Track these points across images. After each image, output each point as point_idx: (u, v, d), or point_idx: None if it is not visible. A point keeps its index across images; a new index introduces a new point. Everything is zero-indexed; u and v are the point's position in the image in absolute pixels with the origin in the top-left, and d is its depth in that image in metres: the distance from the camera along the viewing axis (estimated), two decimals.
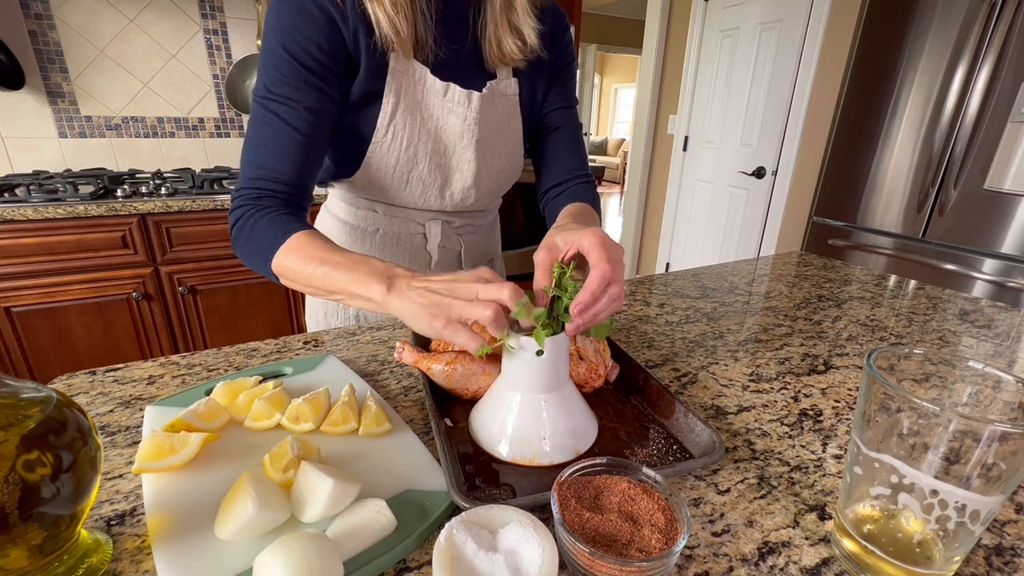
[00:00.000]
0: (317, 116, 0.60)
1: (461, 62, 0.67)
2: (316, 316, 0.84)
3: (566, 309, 0.44)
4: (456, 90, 0.66)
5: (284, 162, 0.59)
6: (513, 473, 0.44)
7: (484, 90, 0.67)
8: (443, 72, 0.65)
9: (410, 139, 0.66)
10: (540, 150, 0.79)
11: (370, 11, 0.58)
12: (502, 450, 0.45)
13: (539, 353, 0.44)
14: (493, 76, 0.70)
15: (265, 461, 0.41)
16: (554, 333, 0.44)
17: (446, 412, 0.52)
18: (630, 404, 0.55)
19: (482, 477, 0.43)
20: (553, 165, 0.77)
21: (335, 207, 0.79)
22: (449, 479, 0.39)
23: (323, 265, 0.51)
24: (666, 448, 0.47)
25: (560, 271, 0.45)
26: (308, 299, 0.86)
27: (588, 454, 0.46)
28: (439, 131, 0.68)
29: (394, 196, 0.72)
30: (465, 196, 0.74)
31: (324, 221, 0.82)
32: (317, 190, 0.67)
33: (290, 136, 0.58)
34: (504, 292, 0.43)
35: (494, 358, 0.53)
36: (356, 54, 0.61)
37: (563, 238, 0.48)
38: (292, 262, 0.54)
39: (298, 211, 0.61)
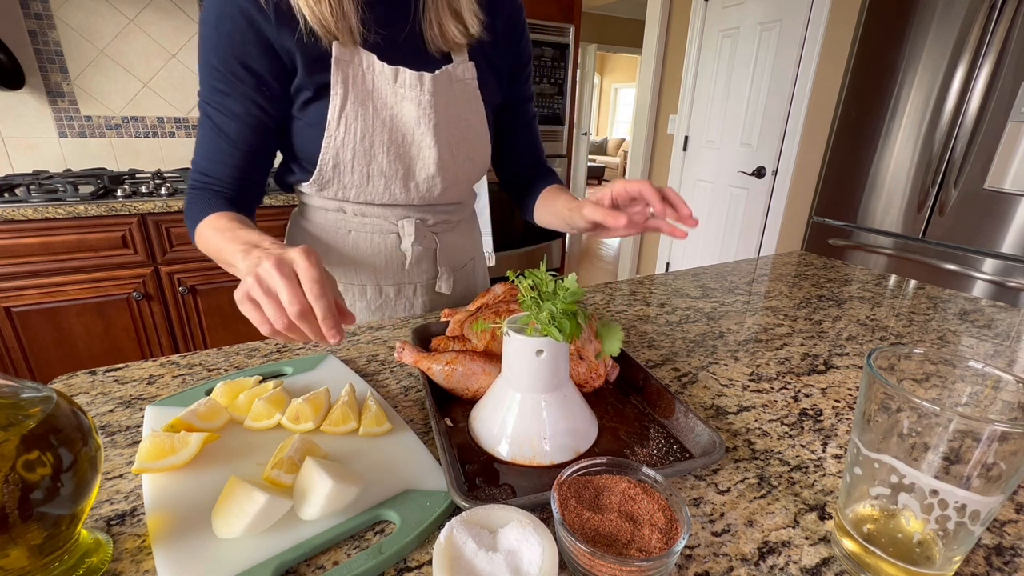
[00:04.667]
0: (248, 122, 0.61)
1: (407, 45, 0.66)
2: None
3: (563, 313, 0.44)
4: (407, 73, 0.64)
5: (217, 166, 0.63)
6: (513, 473, 0.44)
7: (437, 71, 0.66)
8: (391, 56, 0.64)
9: (364, 130, 0.64)
10: (501, 145, 0.83)
11: (292, 3, 0.57)
12: (502, 450, 0.45)
13: (539, 353, 0.44)
14: (448, 60, 0.69)
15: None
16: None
17: (446, 412, 0.52)
18: (630, 404, 0.55)
19: (482, 477, 0.43)
20: (518, 160, 0.85)
21: (305, 215, 0.76)
22: (449, 479, 0.39)
23: (219, 240, 0.55)
24: (666, 448, 0.47)
25: (534, 278, 0.47)
26: None
27: (588, 454, 0.46)
28: (394, 119, 0.66)
29: (358, 193, 0.70)
30: (431, 186, 0.72)
31: (294, 235, 0.79)
32: (287, 200, 0.69)
33: (221, 143, 0.62)
34: (309, 282, 0.40)
35: (494, 358, 0.53)
36: (287, 51, 0.60)
37: (600, 192, 0.58)
38: (201, 240, 0.60)
39: (238, 202, 0.64)
